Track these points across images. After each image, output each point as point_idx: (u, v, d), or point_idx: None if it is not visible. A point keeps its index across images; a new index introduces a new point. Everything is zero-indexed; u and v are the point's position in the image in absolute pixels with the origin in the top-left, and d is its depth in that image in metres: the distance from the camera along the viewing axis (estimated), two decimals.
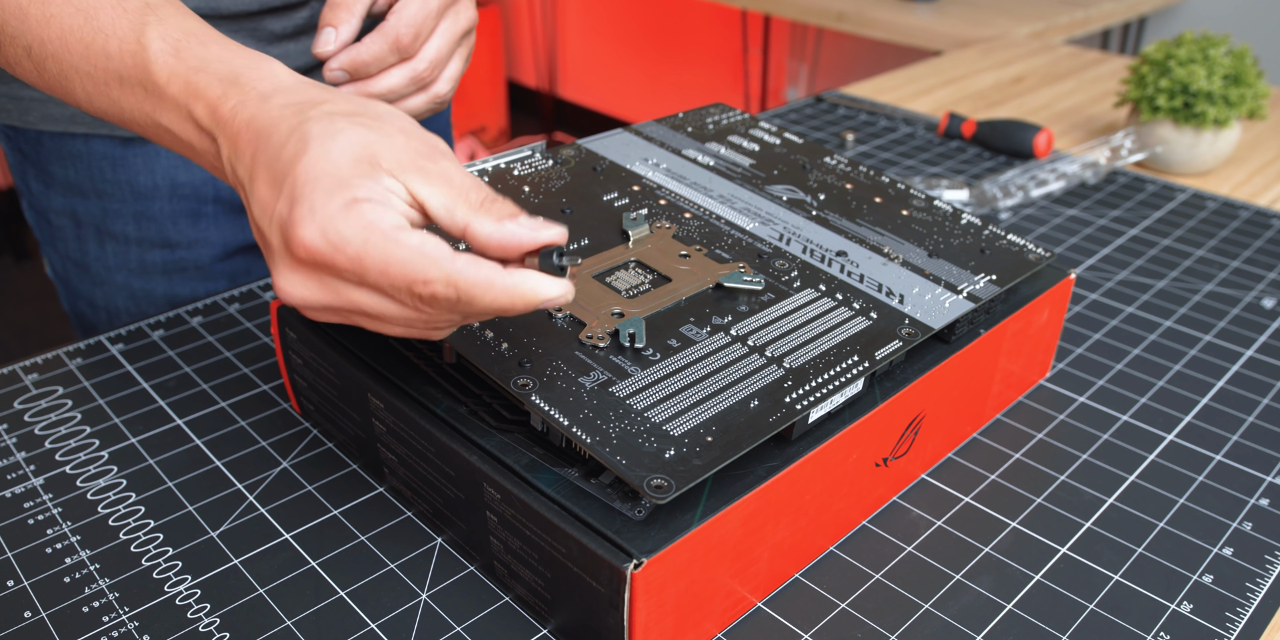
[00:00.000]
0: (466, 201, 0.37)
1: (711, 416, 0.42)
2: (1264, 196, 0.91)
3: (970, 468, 0.56)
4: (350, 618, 0.46)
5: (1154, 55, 0.90)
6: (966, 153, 1.00)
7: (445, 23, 0.55)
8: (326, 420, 0.55)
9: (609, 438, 0.40)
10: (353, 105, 0.39)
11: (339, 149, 0.36)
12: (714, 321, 0.47)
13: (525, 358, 0.44)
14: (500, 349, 0.44)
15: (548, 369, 0.44)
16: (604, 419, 0.41)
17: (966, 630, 0.45)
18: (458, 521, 0.47)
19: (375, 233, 0.35)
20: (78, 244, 0.74)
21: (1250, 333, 0.69)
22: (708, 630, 0.44)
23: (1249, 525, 0.52)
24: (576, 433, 0.41)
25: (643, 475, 0.39)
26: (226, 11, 0.66)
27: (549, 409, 0.42)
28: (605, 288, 0.49)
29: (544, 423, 0.43)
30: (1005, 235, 0.58)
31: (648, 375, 0.44)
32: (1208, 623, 0.46)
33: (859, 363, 0.46)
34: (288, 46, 0.70)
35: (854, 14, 1.85)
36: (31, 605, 0.46)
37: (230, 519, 0.51)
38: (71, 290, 0.78)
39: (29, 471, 0.54)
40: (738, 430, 0.41)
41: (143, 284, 0.75)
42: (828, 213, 0.58)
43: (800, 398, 0.43)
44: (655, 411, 0.42)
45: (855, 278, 0.52)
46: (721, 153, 0.64)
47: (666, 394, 0.43)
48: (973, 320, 0.52)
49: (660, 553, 0.39)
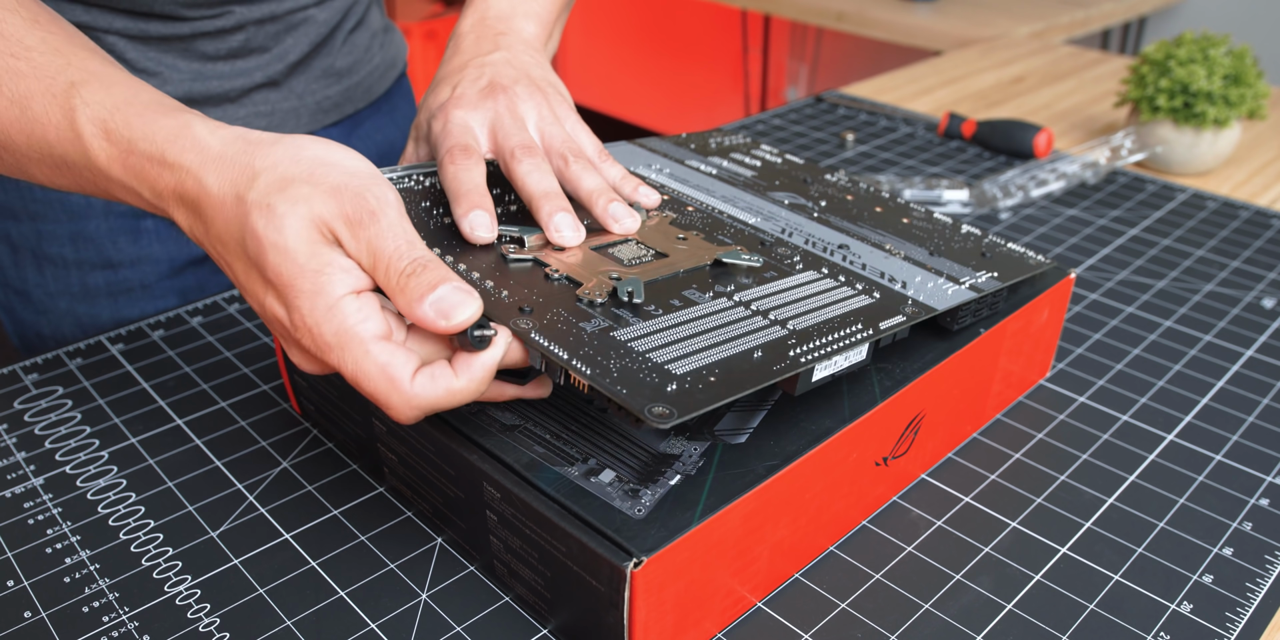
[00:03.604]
0: (388, 274, 0.38)
1: (714, 361, 0.41)
2: (1264, 196, 0.91)
3: (970, 468, 0.56)
4: (350, 618, 0.46)
5: (1154, 55, 0.90)
6: (966, 153, 1.00)
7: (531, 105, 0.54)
8: (326, 420, 0.55)
9: (609, 371, 0.39)
10: (281, 170, 0.39)
11: (293, 241, 0.38)
12: (715, 289, 0.47)
13: (524, 304, 0.43)
14: (500, 296, 0.43)
15: (547, 315, 0.42)
16: (605, 356, 0.40)
17: (966, 630, 0.45)
18: (458, 521, 0.47)
19: (353, 340, 0.38)
20: (16, 271, 0.71)
21: (1250, 333, 0.69)
22: (708, 630, 0.44)
23: (1249, 525, 0.52)
24: (577, 365, 0.39)
25: (644, 403, 0.37)
26: (156, 34, 0.65)
27: (548, 344, 0.40)
28: (603, 257, 0.48)
29: (543, 360, 0.41)
30: (1005, 244, 0.58)
31: (649, 325, 0.43)
32: (1208, 623, 0.46)
33: (863, 330, 0.45)
34: (221, 67, 0.68)
35: (854, 14, 1.85)
36: (31, 605, 0.46)
37: (230, 519, 0.51)
38: (17, 321, 0.75)
39: (29, 471, 0.54)
40: (741, 374, 0.40)
41: (87, 309, 0.72)
42: (829, 216, 0.58)
43: (804, 353, 0.43)
44: (657, 354, 0.41)
45: (858, 266, 0.51)
46: (724, 165, 0.64)
47: (668, 341, 0.42)
48: (976, 312, 0.52)
49: (660, 551, 0.39)
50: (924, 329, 0.53)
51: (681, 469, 0.43)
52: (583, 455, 0.44)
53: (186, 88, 0.67)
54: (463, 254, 0.46)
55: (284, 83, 0.72)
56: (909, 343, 0.52)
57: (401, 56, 0.86)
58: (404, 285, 0.38)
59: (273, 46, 0.70)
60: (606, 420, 0.46)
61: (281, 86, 0.72)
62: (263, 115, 0.72)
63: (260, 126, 0.72)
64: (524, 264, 0.47)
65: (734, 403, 0.47)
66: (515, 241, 0.48)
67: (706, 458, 0.44)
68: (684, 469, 0.43)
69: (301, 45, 0.72)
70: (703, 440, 0.45)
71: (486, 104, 0.53)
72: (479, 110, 0.52)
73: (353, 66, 0.77)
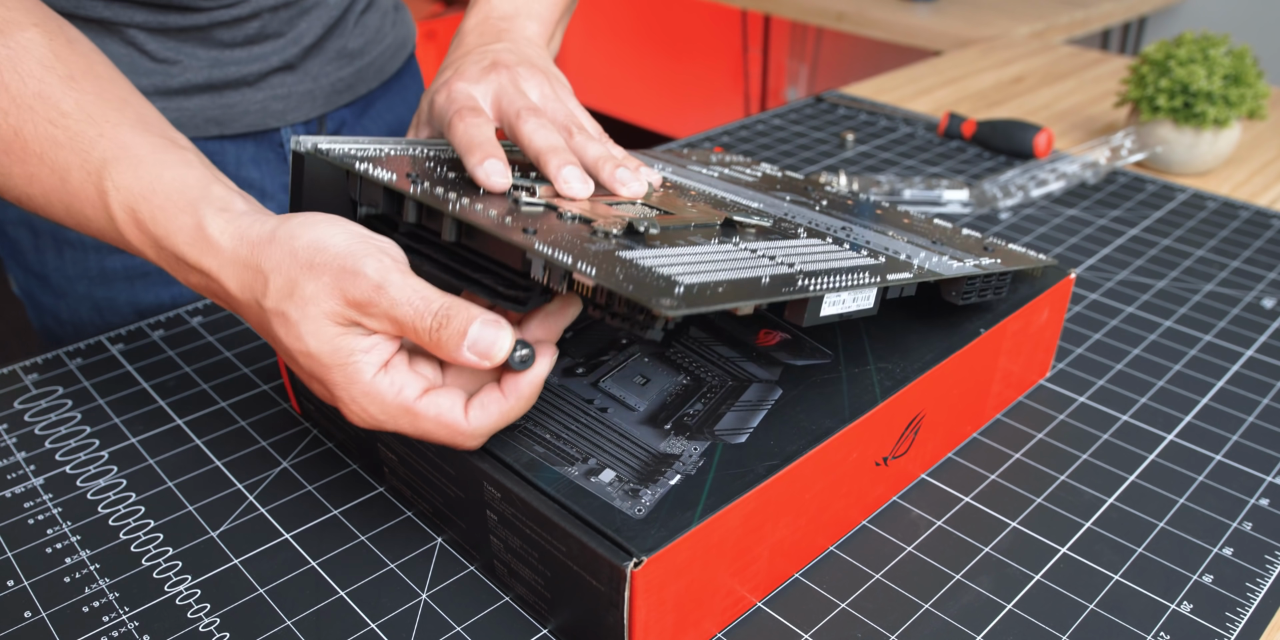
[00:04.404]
0: (418, 336, 0.40)
1: (722, 280, 0.39)
2: (1264, 196, 0.91)
3: (970, 468, 0.56)
4: (350, 618, 0.46)
5: (1154, 55, 0.90)
6: (966, 153, 1.00)
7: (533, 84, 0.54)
8: (326, 420, 0.55)
9: (615, 275, 0.37)
10: (284, 272, 0.40)
11: (313, 345, 0.40)
12: (723, 238, 0.46)
13: (530, 226, 0.42)
14: (504, 221, 0.42)
15: (553, 236, 0.41)
16: (610, 265, 0.38)
17: (966, 630, 0.45)
18: (458, 521, 0.47)
19: (399, 410, 0.40)
20: (36, 255, 0.72)
21: (1250, 333, 0.69)
22: (708, 629, 0.44)
23: (1249, 525, 0.52)
24: (582, 267, 0.37)
25: (651, 296, 0.35)
26: (175, 26, 0.66)
27: (552, 252, 0.38)
28: (613, 207, 0.47)
29: (546, 269, 0.39)
30: (1005, 244, 0.58)
31: (657, 252, 0.41)
32: (1208, 623, 0.46)
33: (871, 278, 0.44)
34: (239, 53, 0.70)
35: (854, 14, 1.85)
36: (31, 605, 0.46)
37: (230, 519, 0.51)
38: (36, 305, 0.76)
39: (29, 471, 0.54)
40: (749, 290, 0.39)
41: (105, 293, 0.73)
42: (831, 209, 0.58)
43: (813, 284, 0.41)
44: (664, 270, 0.39)
45: (861, 242, 0.51)
46: (725, 172, 0.64)
47: (676, 263, 0.40)
48: (980, 292, 0.52)
49: (660, 551, 0.39)
50: (925, 323, 0.53)
51: (681, 469, 0.43)
52: (583, 455, 0.44)
53: (206, 74, 0.69)
54: (474, 201, 0.45)
55: (299, 65, 0.74)
56: (909, 342, 0.52)
57: (411, 37, 0.88)
58: (437, 341, 0.39)
59: (287, 31, 0.72)
60: (607, 420, 0.46)
61: (297, 69, 0.74)
62: (280, 98, 0.73)
63: (278, 110, 0.73)
64: (536, 208, 0.46)
65: (734, 402, 0.47)
66: (527, 191, 0.48)
67: (706, 457, 0.44)
68: (684, 469, 0.43)
69: (315, 28, 0.73)
70: (703, 440, 0.45)
71: (490, 77, 0.53)
72: (482, 83, 0.53)
73: (365, 47, 0.79)
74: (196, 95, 0.69)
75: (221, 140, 0.72)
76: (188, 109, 0.69)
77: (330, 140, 0.49)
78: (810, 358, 0.51)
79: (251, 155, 0.74)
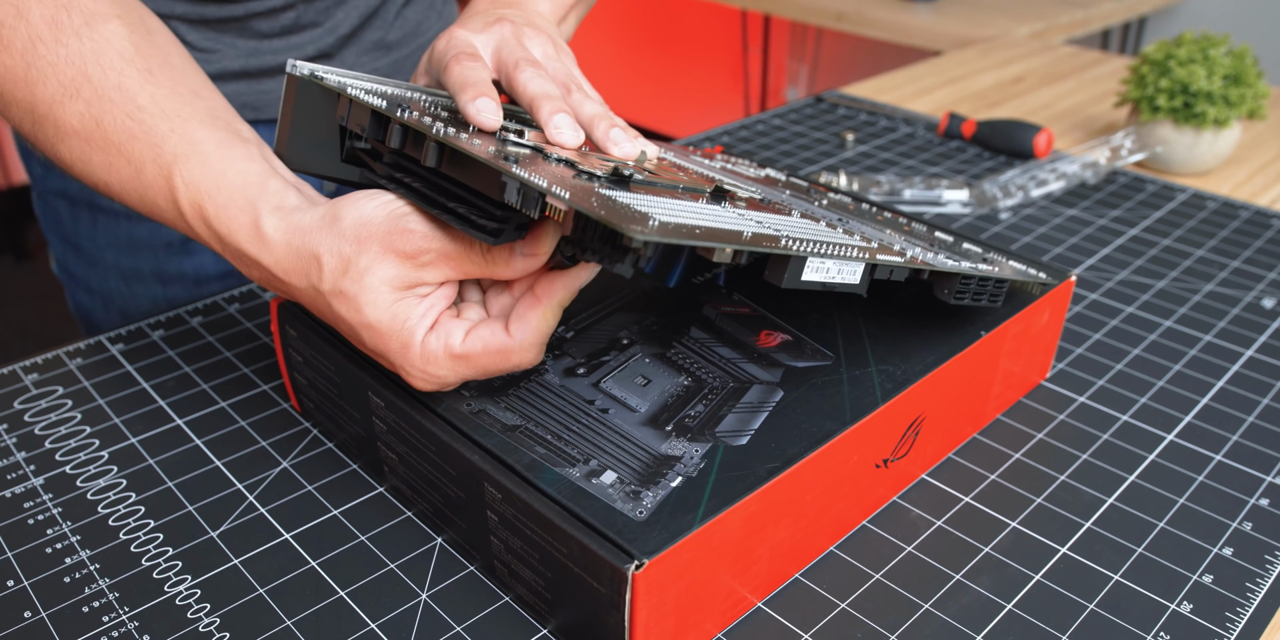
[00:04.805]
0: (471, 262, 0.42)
1: (702, 224, 0.38)
2: (1264, 196, 0.91)
3: (970, 468, 0.56)
4: (350, 618, 0.46)
5: (1154, 55, 0.90)
6: (966, 153, 1.00)
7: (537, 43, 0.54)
8: (327, 419, 0.55)
9: (589, 202, 0.36)
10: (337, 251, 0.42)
11: (372, 315, 0.42)
12: (711, 202, 0.45)
13: (520, 159, 0.41)
14: (488, 151, 0.41)
15: (534, 166, 0.40)
16: (586, 195, 0.37)
17: (966, 630, 0.45)
18: (458, 521, 0.47)
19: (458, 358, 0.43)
20: (72, 223, 0.75)
21: (1250, 333, 0.69)
22: (708, 630, 0.44)
23: (1249, 525, 0.52)
24: (556, 191, 0.36)
25: (622, 221, 0.34)
26: (214, 17, 0.67)
27: (529, 175, 0.37)
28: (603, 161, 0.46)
29: (520, 193, 0.38)
30: (1008, 261, 0.58)
31: (640, 197, 0.40)
32: (1208, 623, 0.46)
33: (861, 253, 0.43)
34: (275, 43, 0.72)
35: (854, 14, 1.85)
36: (31, 605, 0.46)
37: (230, 519, 0.51)
38: (71, 277, 0.78)
39: (29, 471, 0.54)
40: (728, 237, 0.37)
41: (131, 262, 0.75)
42: (830, 208, 0.58)
43: (797, 248, 0.40)
44: (643, 207, 0.38)
45: (857, 229, 0.50)
46: (726, 166, 0.64)
47: (657, 206, 0.39)
48: (975, 296, 0.51)
49: (662, 553, 0.39)
50: (926, 326, 0.53)
51: (683, 471, 0.43)
52: (584, 456, 0.44)
53: (243, 63, 0.70)
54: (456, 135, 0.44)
55: (336, 55, 0.75)
56: (910, 344, 0.52)
57: None
58: (491, 260, 0.42)
59: (323, 21, 0.73)
60: (608, 421, 0.46)
61: (334, 58, 0.75)
62: None
63: None
64: (523, 149, 0.44)
65: (736, 404, 0.47)
66: (515, 133, 0.47)
67: (708, 460, 0.44)
68: (685, 471, 0.43)
69: (351, 19, 0.75)
70: (704, 442, 0.45)
71: (493, 29, 0.53)
72: (484, 34, 0.53)
73: (403, 40, 0.80)
74: (232, 81, 0.71)
75: (255, 124, 0.74)
76: (223, 94, 0.70)
77: (328, 70, 0.49)
78: (811, 359, 0.51)
79: None
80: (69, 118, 0.47)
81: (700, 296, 0.56)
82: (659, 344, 0.52)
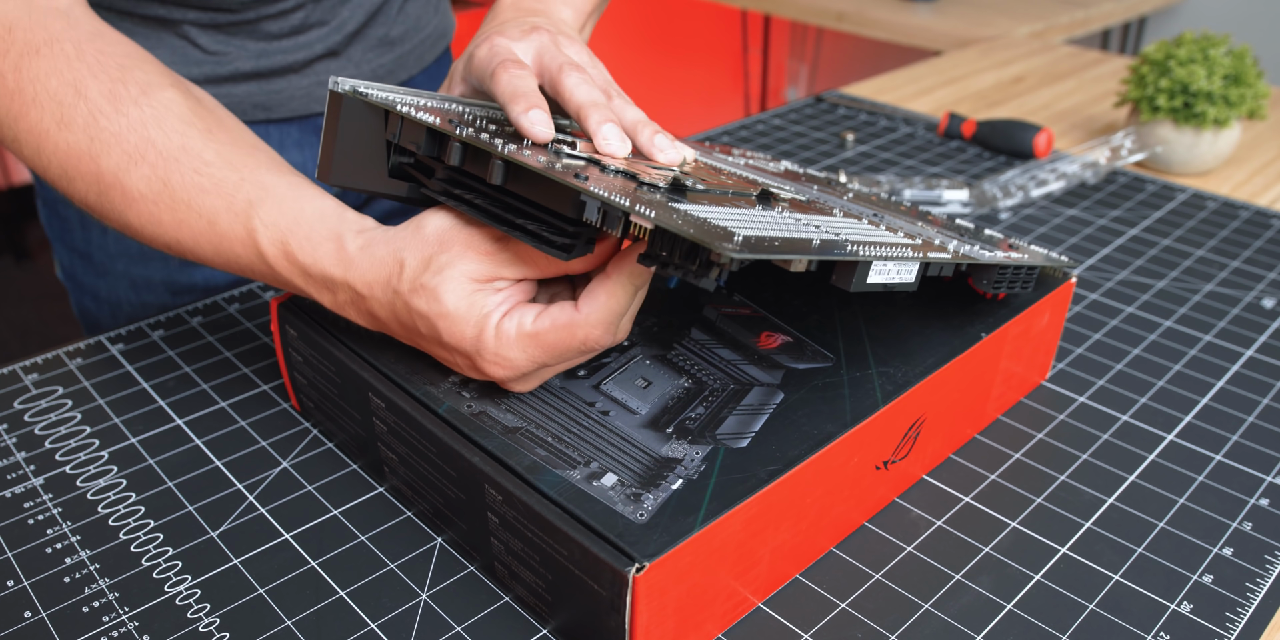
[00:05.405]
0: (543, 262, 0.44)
1: (775, 235, 0.39)
2: (1264, 196, 0.91)
3: (970, 468, 0.56)
4: (350, 618, 0.46)
5: (1154, 55, 0.90)
6: (966, 153, 1.00)
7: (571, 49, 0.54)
8: (327, 418, 0.55)
9: (673, 220, 0.37)
10: (417, 253, 0.44)
11: (451, 304, 0.43)
12: (763, 206, 0.46)
13: (581, 173, 0.41)
14: (556, 167, 0.41)
15: (605, 185, 0.40)
16: (666, 211, 0.38)
17: (966, 630, 0.45)
18: (458, 522, 0.47)
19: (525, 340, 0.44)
20: (82, 233, 0.75)
21: (1250, 333, 0.69)
22: (709, 631, 0.44)
23: (1249, 525, 0.52)
24: (641, 209, 0.37)
25: (712, 240, 0.35)
26: (225, 22, 0.68)
27: (608, 194, 0.38)
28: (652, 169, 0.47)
29: (601, 212, 0.39)
30: (1028, 245, 0.58)
31: (704, 208, 0.41)
32: (1208, 623, 0.46)
33: (914, 254, 0.44)
34: (285, 43, 0.72)
35: (854, 14, 1.85)
36: (31, 605, 0.46)
37: (230, 519, 0.51)
38: (77, 285, 0.78)
39: (29, 471, 0.54)
40: (801, 247, 0.39)
41: (142, 271, 0.75)
42: (858, 202, 0.58)
43: (861, 251, 0.41)
44: (718, 221, 0.39)
45: (896, 225, 0.51)
46: (749, 163, 0.64)
47: (726, 217, 0.40)
48: (1010, 284, 0.52)
49: (662, 556, 0.39)
50: (926, 327, 0.53)
51: (684, 473, 0.43)
52: (585, 458, 0.44)
53: (253, 64, 0.71)
54: (518, 150, 0.44)
55: (343, 52, 0.76)
56: (910, 346, 0.52)
57: (450, 29, 0.90)
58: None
59: (331, 19, 0.74)
60: (609, 423, 0.46)
61: (341, 56, 0.76)
62: (323, 84, 0.75)
63: (321, 95, 0.76)
64: (578, 160, 0.45)
65: (736, 406, 0.47)
66: (568, 145, 0.47)
67: (708, 462, 0.44)
68: (686, 473, 0.43)
69: (358, 16, 0.76)
70: (705, 444, 0.45)
71: (531, 36, 0.53)
72: (524, 41, 0.53)
73: (405, 35, 0.81)
74: (244, 82, 0.71)
75: (267, 124, 0.74)
76: (235, 95, 0.71)
77: (368, 85, 0.50)
78: (812, 361, 0.51)
79: (295, 139, 0.76)
80: (136, 183, 0.48)
81: (700, 297, 0.56)
82: (659, 346, 0.52)
